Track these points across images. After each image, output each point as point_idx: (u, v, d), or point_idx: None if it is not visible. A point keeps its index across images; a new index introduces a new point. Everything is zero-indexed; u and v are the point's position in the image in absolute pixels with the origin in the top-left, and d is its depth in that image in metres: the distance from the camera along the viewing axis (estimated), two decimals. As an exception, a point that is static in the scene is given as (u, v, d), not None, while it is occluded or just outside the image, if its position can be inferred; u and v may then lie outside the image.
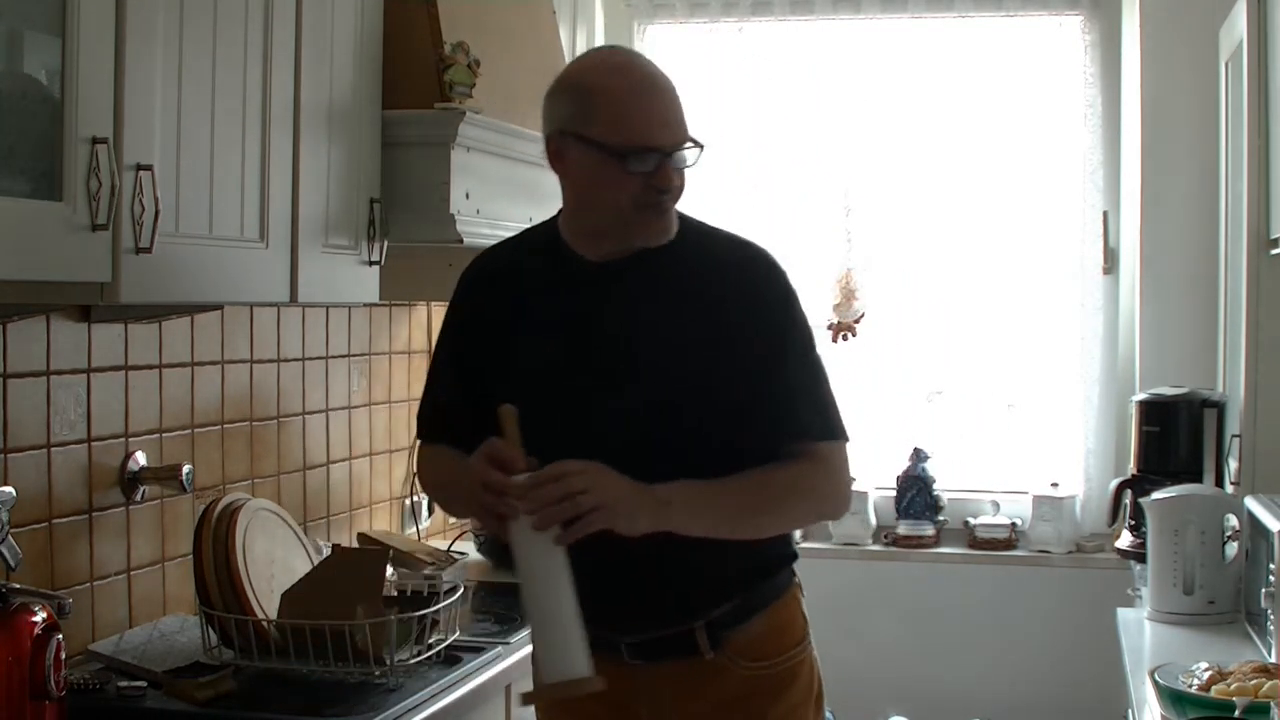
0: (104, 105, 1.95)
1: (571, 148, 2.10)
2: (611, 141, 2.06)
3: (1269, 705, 2.21)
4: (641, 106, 2.08)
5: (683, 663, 2.15)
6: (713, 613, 2.15)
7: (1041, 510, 4.13)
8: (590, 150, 2.08)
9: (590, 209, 2.15)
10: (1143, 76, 3.86)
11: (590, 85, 2.10)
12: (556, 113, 2.13)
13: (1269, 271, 3.03)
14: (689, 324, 2.12)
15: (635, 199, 2.08)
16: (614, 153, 2.06)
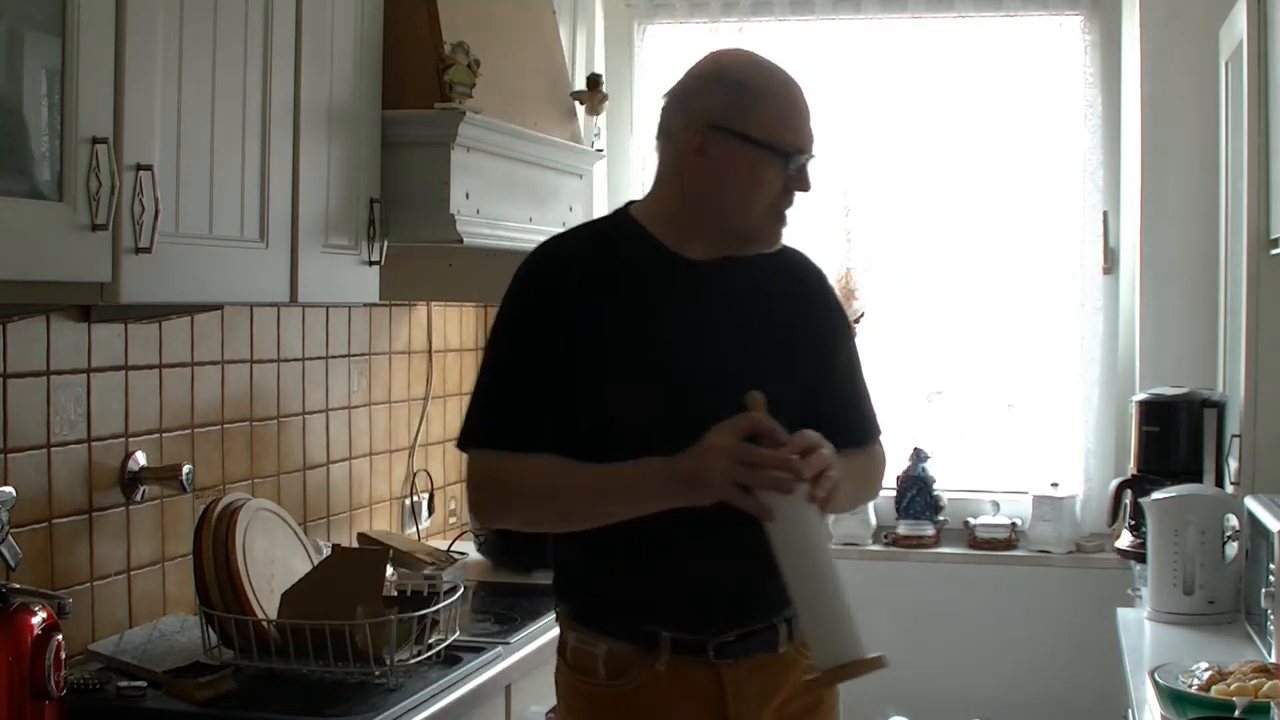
0: (104, 105, 1.95)
1: (721, 142, 2.08)
2: (775, 139, 2.08)
3: (1269, 705, 2.21)
4: (799, 109, 2.12)
5: (762, 658, 2.15)
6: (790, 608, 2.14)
7: (1041, 510, 4.13)
8: (746, 147, 2.08)
9: (724, 206, 2.12)
10: (1143, 76, 3.86)
11: (749, 82, 2.10)
12: (707, 105, 2.10)
13: (1269, 271, 3.03)
14: (782, 326, 2.18)
15: (776, 202, 2.11)
16: (778, 151, 2.08)
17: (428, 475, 3.76)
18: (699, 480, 1.97)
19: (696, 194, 2.12)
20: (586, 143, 3.57)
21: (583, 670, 2.15)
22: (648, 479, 2.03)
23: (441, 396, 3.88)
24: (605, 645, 2.13)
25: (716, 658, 2.11)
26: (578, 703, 2.18)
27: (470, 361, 4.10)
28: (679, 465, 1.98)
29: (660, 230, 2.16)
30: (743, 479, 1.94)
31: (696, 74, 2.15)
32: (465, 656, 2.59)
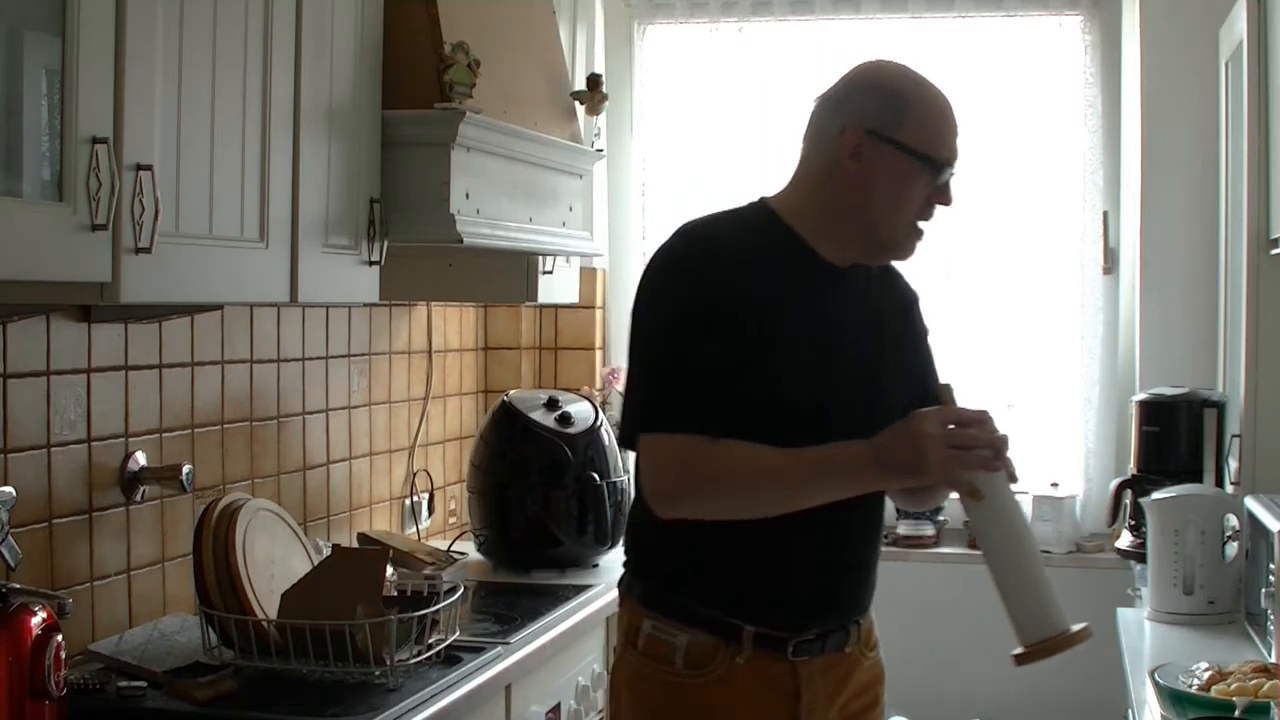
0: (104, 105, 1.94)
1: (875, 147, 2.12)
2: (928, 149, 2.12)
3: (1269, 705, 2.21)
4: (949, 120, 2.17)
5: (832, 656, 2.21)
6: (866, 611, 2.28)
7: (1041, 510, 4.12)
8: (900, 155, 2.12)
9: (870, 211, 2.15)
10: (1143, 76, 3.86)
11: (905, 91, 2.15)
12: (862, 110, 2.14)
13: (1269, 271, 3.03)
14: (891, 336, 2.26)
15: (921, 213, 2.16)
16: (929, 162, 2.12)
17: (428, 475, 3.76)
18: (914, 466, 2.03)
19: (844, 196, 2.16)
20: (586, 143, 3.57)
21: (657, 659, 2.16)
22: (851, 464, 2.08)
23: (441, 396, 3.88)
24: (686, 636, 2.14)
25: (794, 654, 2.16)
26: (649, 689, 2.17)
27: (470, 361, 4.11)
28: (891, 451, 2.04)
29: (802, 229, 2.19)
30: (957, 460, 2.01)
31: (853, 79, 2.20)
32: (465, 656, 2.59)
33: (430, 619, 2.52)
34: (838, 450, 2.08)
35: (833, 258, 2.20)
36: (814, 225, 2.19)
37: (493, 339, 4.25)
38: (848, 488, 2.10)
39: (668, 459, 2.08)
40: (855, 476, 2.10)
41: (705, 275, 2.11)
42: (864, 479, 2.10)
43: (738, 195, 4.20)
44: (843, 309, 2.20)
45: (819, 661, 2.20)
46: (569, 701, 3.01)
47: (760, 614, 2.13)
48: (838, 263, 2.20)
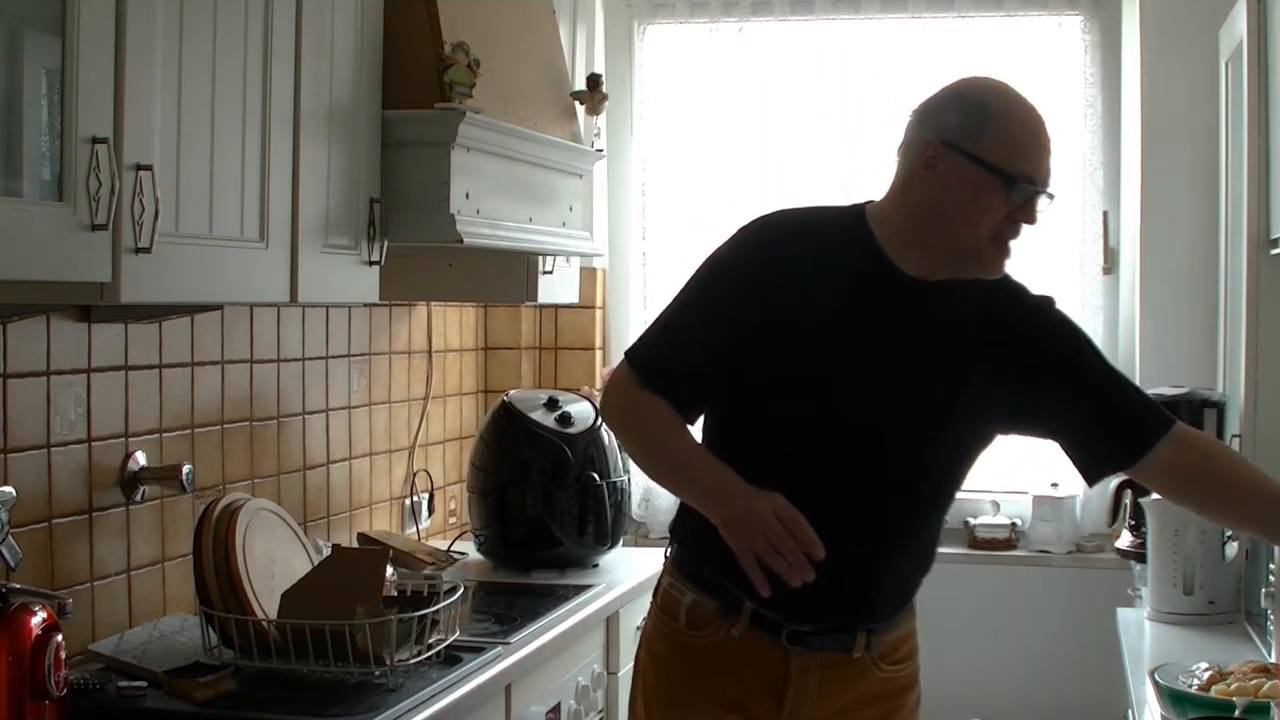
0: (104, 105, 1.94)
1: (951, 159, 2.12)
2: (1002, 164, 2.10)
3: (1269, 705, 2.21)
4: (1034, 138, 2.15)
5: (834, 656, 2.23)
6: (882, 622, 2.27)
7: (1041, 510, 4.13)
8: (975, 167, 2.11)
9: (947, 225, 2.15)
10: (1143, 76, 3.86)
11: (988, 104, 2.14)
12: (943, 121, 2.15)
13: (1269, 271, 3.03)
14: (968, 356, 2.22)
15: (997, 228, 2.13)
16: (1003, 175, 2.10)
17: (428, 475, 3.76)
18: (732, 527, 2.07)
19: (920, 207, 2.17)
20: (586, 143, 3.57)
21: (667, 613, 2.31)
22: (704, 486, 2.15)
23: (441, 396, 3.88)
24: (692, 595, 2.26)
25: (788, 642, 2.20)
26: (658, 641, 2.33)
27: (470, 361, 4.11)
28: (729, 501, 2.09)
29: (885, 238, 2.21)
30: (761, 553, 2.03)
31: (944, 93, 2.21)
32: (465, 656, 2.59)
33: (430, 619, 2.52)
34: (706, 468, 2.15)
35: (914, 270, 2.19)
36: (896, 235, 2.20)
37: (493, 339, 4.25)
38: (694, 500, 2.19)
39: (618, 386, 2.29)
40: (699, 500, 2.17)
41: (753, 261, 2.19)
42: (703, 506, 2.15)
43: (738, 195, 4.25)
44: (902, 320, 2.19)
45: (818, 658, 2.22)
46: (569, 701, 3.01)
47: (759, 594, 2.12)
48: (921, 276, 2.19)
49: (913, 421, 2.20)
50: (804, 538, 2.02)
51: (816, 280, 2.17)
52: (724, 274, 2.22)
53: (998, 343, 2.23)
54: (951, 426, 2.22)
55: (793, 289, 2.15)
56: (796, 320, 2.15)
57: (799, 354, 2.16)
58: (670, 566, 2.32)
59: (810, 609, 2.19)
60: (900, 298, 2.19)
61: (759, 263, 2.19)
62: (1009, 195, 2.11)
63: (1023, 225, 2.14)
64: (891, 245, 2.20)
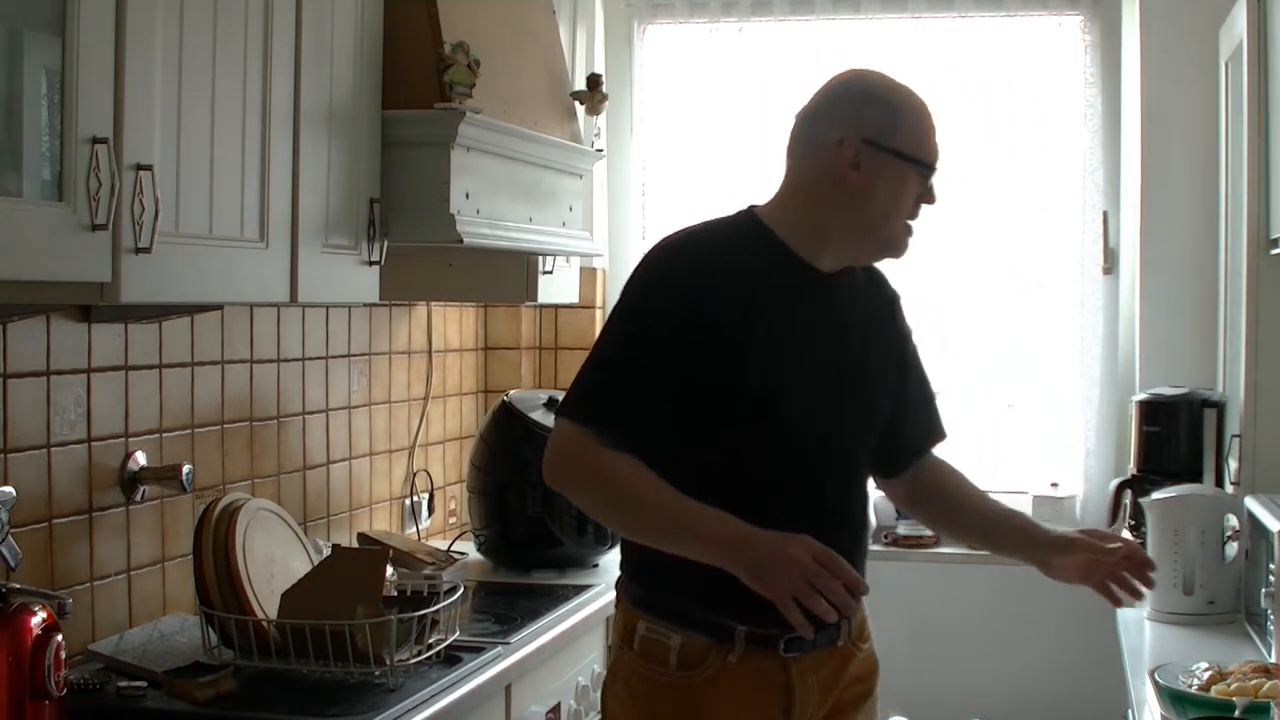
0: (104, 105, 1.94)
1: (874, 156, 2.19)
2: (917, 153, 2.22)
3: (1269, 705, 2.21)
4: (933, 125, 2.28)
5: (824, 652, 2.24)
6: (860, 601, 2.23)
7: (1041, 510, 4.12)
8: (896, 160, 2.20)
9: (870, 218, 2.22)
10: (1143, 76, 3.86)
11: (892, 99, 2.23)
12: (855, 120, 2.20)
13: (1269, 271, 3.03)
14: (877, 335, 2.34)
15: (910, 213, 2.25)
16: (920, 164, 2.22)
17: (428, 475, 3.76)
18: (763, 576, 2.01)
19: (843, 205, 2.21)
20: (586, 143, 3.57)
21: (653, 659, 2.19)
22: (714, 538, 2.07)
23: (441, 396, 3.88)
24: (680, 637, 2.17)
25: (786, 651, 2.19)
26: (646, 689, 2.21)
27: (470, 361, 4.11)
28: (755, 551, 2.02)
29: (791, 239, 2.24)
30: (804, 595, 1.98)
31: (840, 91, 2.26)
32: (465, 656, 2.59)
33: (430, 619, 2.52)
34: (710, 521, 2.07)
35: (824, 266, 2.25)
36: (805, 235, 2.24)
37: (493, 339, 4.25)
38: (715, 559, 2.07)
39: (568, 447, 2.15)
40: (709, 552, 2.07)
41: (674, 286, 2.15)
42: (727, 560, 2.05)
43: (737, 195, 4.22)
44: (828, 314, 2.26)
45: (811, 658, 2.22)
46: (569, 701, 3.01)
47: (750, 613, 2.11)
48: (826, 269, 2.26)
49: (854, 407, 2.28)
50: (848, 575, 2.00)
51: (742, 292, 2.17)
52: (651, 312, 2.16)
53: (886, 325, 2.38)
54: (879, 406, 2.32)
55: (724, 306, 2.14)
56: (737, 335, 2.15)
57: (748, 365, 2.15)
58: (641, 611, 2.21)
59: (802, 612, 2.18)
60: (820, 293, 2.25)
61: (684, 291, 2.14)
62: (923, 182, 2.24)
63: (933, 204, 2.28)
64: (800, 244, 2.23)
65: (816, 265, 2.24)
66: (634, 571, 2.25)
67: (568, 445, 2.15)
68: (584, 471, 2.15)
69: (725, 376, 2.14)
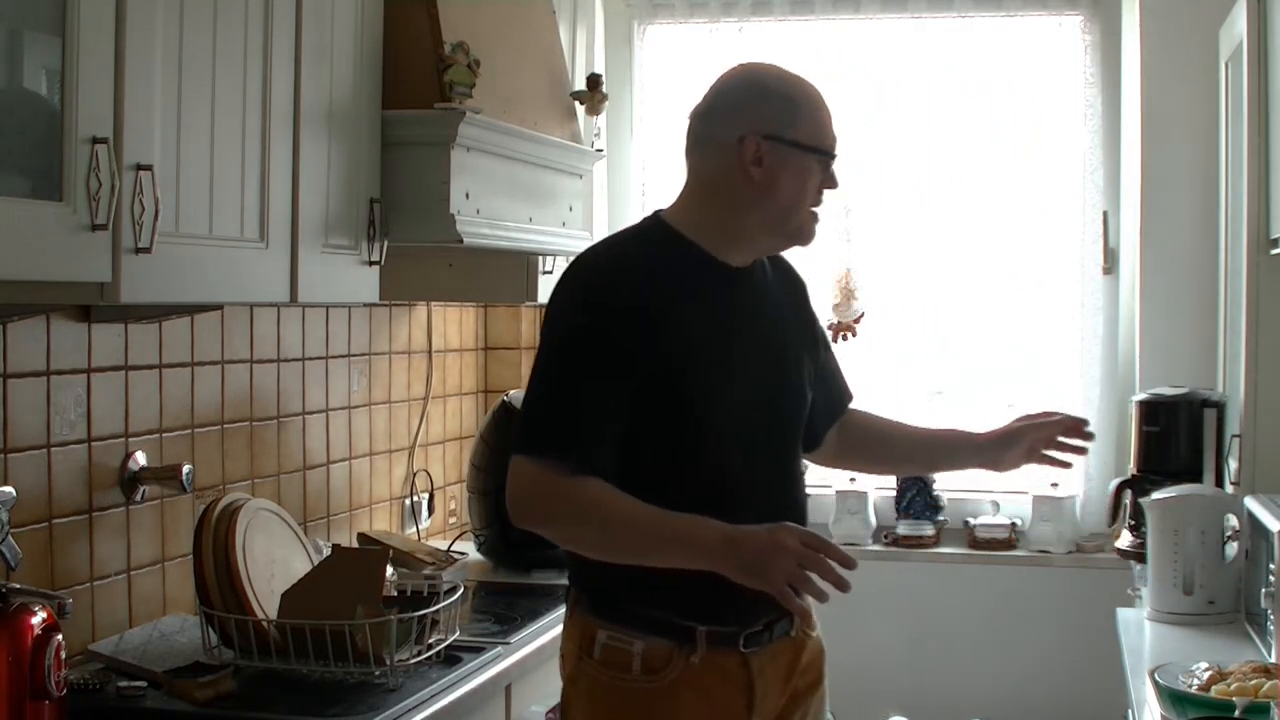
0: (104, 105, 1.95)
1: (777, 150, 2.22)
2: (818, 143, 2.24)
3: (1269, 705, 2.21)
4: (829, 113, 2.30)
5: (780, 643, 2.27)
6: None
7: (1041, 510, 4.13)
8: (799, 153, 2.23)
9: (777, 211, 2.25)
10: (1143, 76, 3.86)
11: (790, 92, 2.27)
12: (756, 117, 2.23)
13: (1269, 271, 3.03)
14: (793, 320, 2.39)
15: (813, 200, 2.28)
16: (821, 153, 2.24)
17: (428, 475, 3.76)
18: (757, 570, 2.02)
19: (748, 200, 2.24)
20: (586, 143, 3.57)
21: (616, 666, 2.19)
22: (701, 543, 2.07)
23: (441, 396, 3.88)
24: (642, 643, 2.18)
25: (745, 646, 2.22)
26: (610, 697, 2.20)
27: (470, 361, 4.11)
28: (742, 549, 2.03)
29: (702, 239, 2.26)
30: (798, 580, 2.01)
31: (734, 88, 2.31)
32: (465, 656, 2.59)
33: (430, 619, 2.52)
34: (693, 527, 2.08)
35: (737, 261, 2.29)
36: (715, 233, 2.26)
37: (493, 339, 4.25)
38: (701, 564, 2.08)
39: (531, 484, 2.13)
40: (704, 556, 2.07)
41: (600, 307, 2.16)
42: (713, 562, 2.06)
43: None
44: (746, 309, 2.29)
45: (768, 650, 2.25)
46: (569, 701, 3.00)
47: (710, 612, 2.15)
48: (737, 264, 2.29)
49: (785, 396, 2.32)
50: (838, 554, 2.02)
51: (669, 300, 2.18)
52: (587, 334, 2.16)
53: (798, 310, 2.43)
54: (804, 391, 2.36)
55: (654, 317, 2.16)
56: (671, 345, 2.16)
57: (685, 372, 2.17)
58: (599, 620, 2.21)
59: (759, 606, 2.17)
60: (736, 289, 2.29)
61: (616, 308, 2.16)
62: (825, 169, 2.26)
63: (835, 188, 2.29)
64: (710, 243, 2.26)
65: (729, 262, 2.28)
66: (586, 582, 2.25)
67: (534, 484, 2.13)
68: (557, 504, 2.13)
69: (666, 387, 2.15)
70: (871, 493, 4.24)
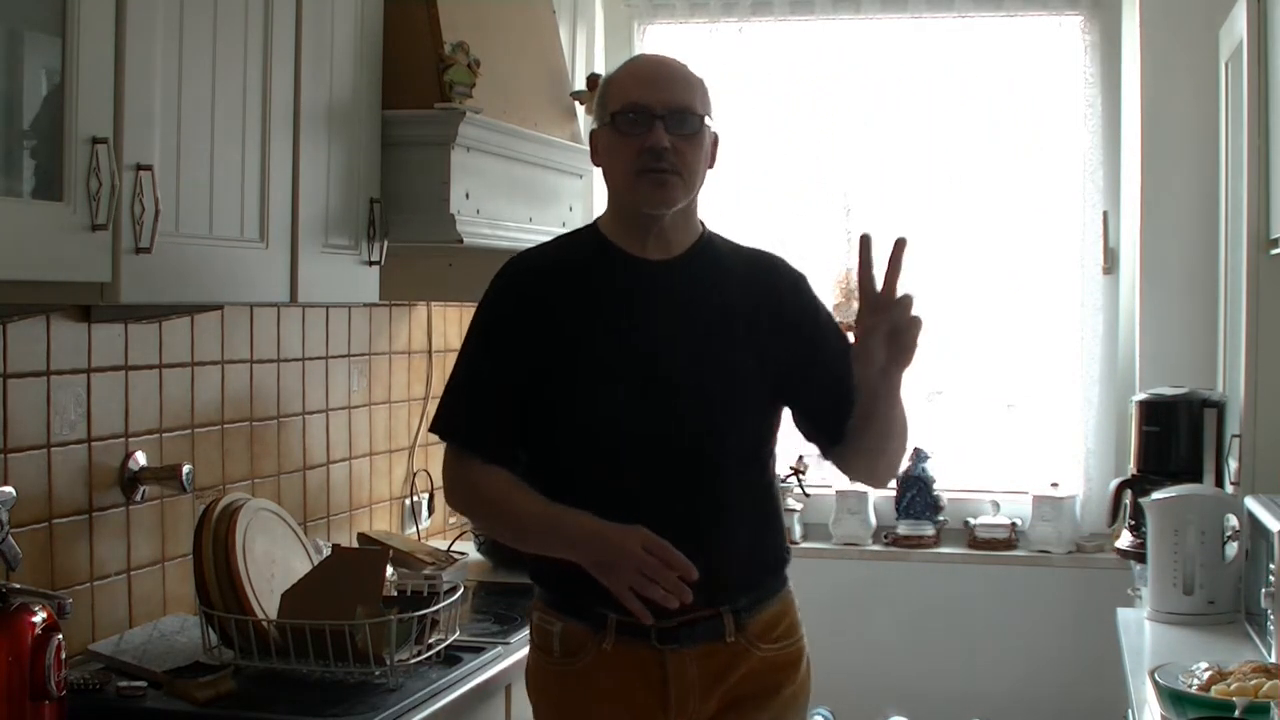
0: (104, 105, 1.95)
1: (598, 138, 2.29)
2: (609, 109, 2.24)
3: (1269, 705, 2.21)
4: (636, 73, 2.29)
5: (708, 646, 2.25)
6: (738, 601, 2.26)
7: (1041, 510, 4.13)
8: (604, 131, 2.27)
9: (610, 188, 2.29)
10: (1143, 76, 3.86)
11: (609, 77, 2.33)
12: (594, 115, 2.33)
13: (1269, 271, 3.03)
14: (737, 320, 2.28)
15: (634, 164, 2.22)
16: (611, 118, 2.23)
17: (428, 475, 3.75)
18: (603, 569, 2.14)
19: (609, 191, 2.31)
20: (586, 143, 3.57)
21: (543, 648, 2.32)
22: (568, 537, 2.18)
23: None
24: (561, 624, 2.28)
25: (659, 642, 2.23)
26: (538, 679, 2.35)
27: (470, 361, 4.11)
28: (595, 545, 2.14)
29: (618, 238, 2.31)
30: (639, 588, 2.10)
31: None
32: (465, 656, 2.59)
33: (430, 619, 2.52)
34: (564, 521, 2.18)
35: (651, 254, 2.29)
36: (617, 226, 2.32)
37: (493, 339, 4.24)
38: (564, 555, 2.19)
39: (448, 469, 2.32)
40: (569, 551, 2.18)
41: (506, 298, 2.30)
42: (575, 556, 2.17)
43: (737, 195, 4.24)
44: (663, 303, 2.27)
45: (693, 651, 2.24)
46: (569, 701, 3.00)
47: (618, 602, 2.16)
48: (656, 256, 2.29)
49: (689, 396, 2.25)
50: (677, 563, 2.08)
51: (573, 294, 2.27)
52: (491, 326, 2.30)
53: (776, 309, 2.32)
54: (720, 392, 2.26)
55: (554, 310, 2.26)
56: (566, 336, 2.24)
57: (579, 362, 2.24)
58: (538, 604, 2.34)
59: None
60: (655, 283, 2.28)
61: (517, 301, 2.28)
62: (616, 129, 2.22)
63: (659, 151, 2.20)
64: (624, 241, 2.30)
65: (646, 257, 2.29)
66: (536, 576, 2.35)
67: (449, 468, 2.31)
68: (465, 491, 2.31)
69: (559, 379, 2.24)
70: (871, 493, 4.23)
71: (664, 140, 2.20)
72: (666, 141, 2.20)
